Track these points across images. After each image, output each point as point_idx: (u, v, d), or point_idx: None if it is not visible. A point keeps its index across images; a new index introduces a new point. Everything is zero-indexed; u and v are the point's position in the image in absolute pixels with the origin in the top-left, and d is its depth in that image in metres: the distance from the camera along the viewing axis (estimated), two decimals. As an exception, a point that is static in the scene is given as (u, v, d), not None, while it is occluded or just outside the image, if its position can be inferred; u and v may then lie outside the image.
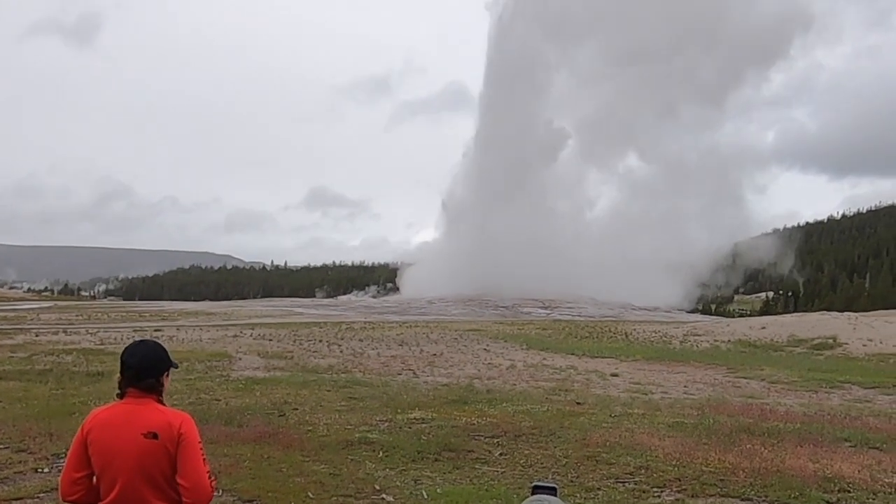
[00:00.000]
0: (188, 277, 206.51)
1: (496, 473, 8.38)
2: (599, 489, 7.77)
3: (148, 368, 3.17)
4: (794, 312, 71.56)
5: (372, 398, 14.07)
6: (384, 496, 7.44)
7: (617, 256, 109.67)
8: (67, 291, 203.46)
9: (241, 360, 22.51)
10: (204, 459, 3.13)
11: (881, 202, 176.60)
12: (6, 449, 9.14)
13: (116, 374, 3.26)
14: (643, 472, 8.46)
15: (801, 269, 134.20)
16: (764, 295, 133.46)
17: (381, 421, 11.52)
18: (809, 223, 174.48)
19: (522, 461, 8.95)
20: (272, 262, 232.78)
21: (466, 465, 8.75)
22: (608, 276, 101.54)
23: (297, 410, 12.48)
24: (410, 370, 20.59)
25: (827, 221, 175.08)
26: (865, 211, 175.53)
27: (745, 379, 20.35)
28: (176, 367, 3.33)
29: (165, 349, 3.29)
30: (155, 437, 3.05)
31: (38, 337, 30.86)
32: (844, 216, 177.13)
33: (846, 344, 32.27)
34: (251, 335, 33.78)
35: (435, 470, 8.48)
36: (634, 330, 44.70)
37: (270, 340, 30.96)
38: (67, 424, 9.98)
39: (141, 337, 4.20)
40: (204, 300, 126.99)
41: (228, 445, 9.20)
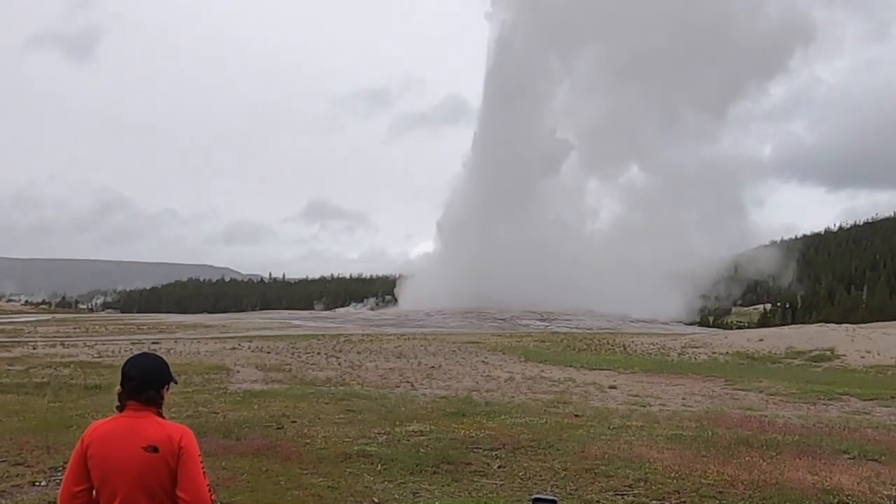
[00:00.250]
0: (186, 290, 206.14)
1: (495, 486, 8.37)
2: (598, 502, 7.76)
3: (149, 381, 3.18)
4: (791, 324, 71.55)
5: (370, 411, 14.04)
6: (383, 509, 7.43)
7: (617, 268, 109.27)
8: (65, 304, 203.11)
9: (238, 372, 22.48)
10: (204, 473, 3.13)
11: (878, 214, 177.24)
12: (3, 462, 9.11)
13: (114, 387, 3.27)
14: (642, 484, 8.45)
15: (799, 281, 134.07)
16: (762, 307, 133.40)
17: (379, 433, 11.50)
18: (807, 235, 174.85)
19: (521, 474, 8.93)
20: (270, 274, 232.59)
21: (465, 477, 8.73)
22: (608, 287, 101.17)
23: (295, 423, 12.46)
24: (409, 382, 20.57)
25: (824, 233, 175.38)
26: (862, 223, 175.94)
27: (743, 391, 20.35)
28: (175, 382, 3.34)
29: (167, 363, 3.30)
30: (155, 450, 3.05)
31: (35, 350, 30.80)
32: (842, 228, 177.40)
33: (844, 356, 32.29)
34: (249, 348, 33.73)
35: (433, 483, 8.46)
36: (632, 342, 44.68)
37: (268, 353, 30.91)
38: (65, 437, 9.96)
39: (139, 350, 4.21)
40: (202, 313, 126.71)
41: (226, 458, 9.18)
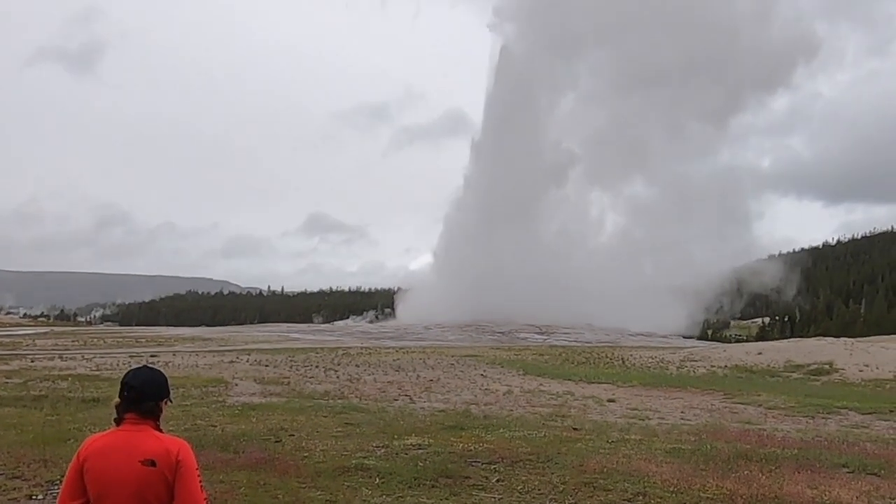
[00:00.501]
0: (185, 303, 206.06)
1: (493, 500, 8.35)
2: (597, 516, 7.74)
3: (150, 392, 3.18)
4: (790, 338, 71.50)
5: (368, 424, 14.01)
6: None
7: (618, 280, 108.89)
8: (64, 317, 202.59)
9: (237, 385, 22.43)
10: (201, 486, 3.13)
11: (876, 228, 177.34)
12: (0, 476, 9.09)
13: (112, 400, 3.26)
14: (641, 498, 8.43)
15: (800, 294, 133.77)
16: (760, 320, 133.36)
17: (377, 447, 11.47)
18: (805, 249, 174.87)
19: (520, 487, 8.91)
20: (269, 287, 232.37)
21: (463, 491, 8.71)
22: (608, 300, 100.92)
23: (293, 436, 12.43)
24: (407, 396, 20.53)
25: (822, 247, 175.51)
26: (860, 237, 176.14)
27: (742, 405, 20.32)
28: (171, 401, 3.33)
29: (166, 377, 3.31)
30: (153, 464, 3.05)
31: (33, 363, 30.71)
32: (839, 242, 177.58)
33: (843, 369, 32.26)
34: (247, 361, 33.65)
35: (432, 496, 8.44)
36: (631, 355, 44.62)
37: (267, 366, 30.84)
38: (62, 451, 9.94)
39: (137, 363, 4.21)
40: (200, 326, 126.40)
41: (224, 472, 9.16)
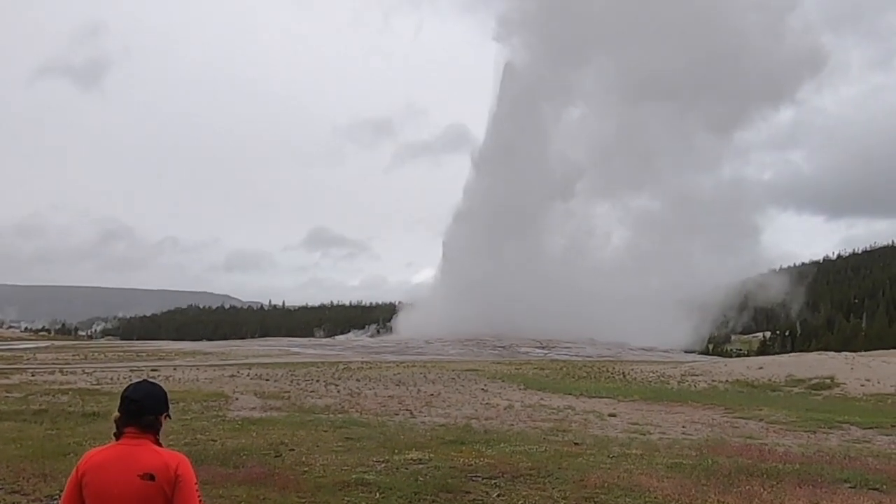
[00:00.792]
0: (186, 317, 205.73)
1: (493, 515, 8.33)
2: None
3: (150, 406, 3.19)
4: (791, 352, 71.36)
5: (369, 439, 14.00)
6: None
7: (621, 295, 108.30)
8: (65, 331, 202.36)
9: (237, 400, 22.41)
10: (200, 501, 3.13)
11: (876, 243, 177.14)
12: (0, 490, 9.08)
13: (112, 414, 3.26)
14: (641, 513, 8.41)
15: (807, 307, 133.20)
16: (761, 335, 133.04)
17: (377, 462, 11.45)
18: (805, 263, 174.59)
19: (520, 502, 8.89)
20: (270, 301, 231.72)
21: (463, 506, 8.69)
22: (611, 315, 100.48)
23: (293, 451, 12.41)
24: (408, 410, 20.50)
25: (823, 262, 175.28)
26: (861, 251, 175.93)
27: (743, 419, 20.27)
28: (170, 416, 3.34)
29: (166, 393, 3.31)
30: (152, 478, 3.05)
31: (34, 377, 30.71)
32: (840, 256, 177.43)
33: (844, 384, 32.19)
34: (248, 375, 33.63)
35: (432, 511, 8.42)
36: (632, 370, 44.53)
37: (267, 380, 30.82)
38: (62, 465, 9.93)
39: (138, 377, 4.21)
40: (201, 340, 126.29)
41: (224, 486, 9.14)
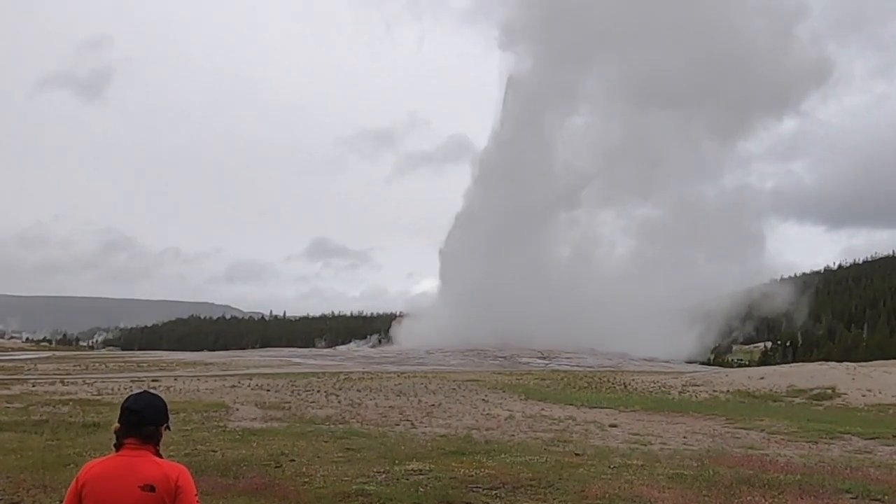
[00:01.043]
0: (187, 327, 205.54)
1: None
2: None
3: (151, 416, 3.19)
4: (792, 362, 71.26)
5: (369, 449, 13.97)
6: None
7: (624, 304, 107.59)
8: (66, 341, 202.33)
9: (238, 410, 22.39)
10: (200, 512, 3.13)
11: (877, 253, 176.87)
12: (0, 501, 9.07)
13: (113, 424, 3.27)
14: (642, 524, 8.39)
15: (810, 318, 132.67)
16: (762, 345, 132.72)
17: (378, 472, 11.43)
18: (806, 273, 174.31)
19: (521, 513, 8.87)
20: (271, 312, 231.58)
21: (464, 517, 8.68)
22: (614, 325, 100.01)
23: (293, 462, 12.39)
24: (408, 421, 20.47)
25: (824, 272, 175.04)
26: (862, 261, 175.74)
27: (744, 429, 20.25)
28: (170, 427, 3.34)
29: (166, 403, 3.32)
30: (152, 489, 3.06)
31: (34, 387, 30.68)
32: (841, 267, 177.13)
33: (845, 394, 32.16)
34: (249, 385, 33.60)
35: (432, 522, 8.41)
36: (633, 380, 44.47)
37: (268, 391, 30.79)
38: (62, 476, 9.92)
39: (139, 387, 4.22)
40: (202, 350, 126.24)
41: (224, 497, 9.13)
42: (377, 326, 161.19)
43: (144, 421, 3.17)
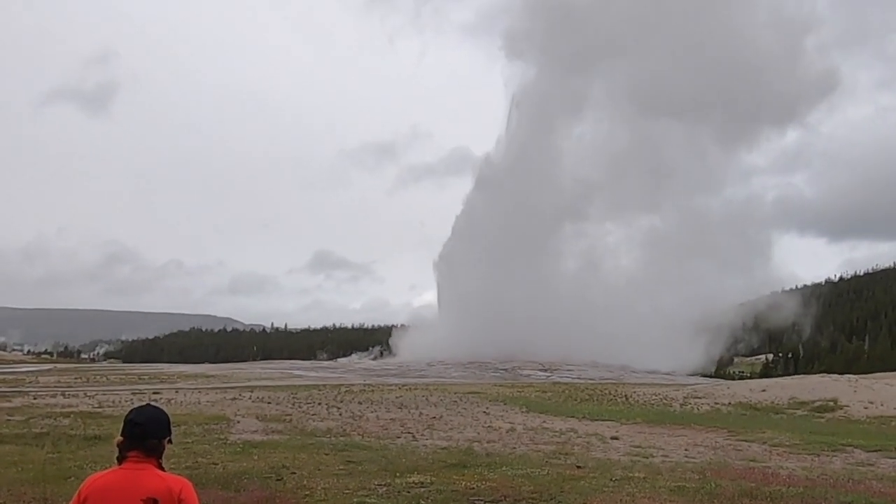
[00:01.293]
0: (188, 340, 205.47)
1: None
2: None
3: (153, 429, 3.21)
4: (794, 374, 71.17)
5: (370, 462, 13.96)
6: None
7: (627, 316, 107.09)
8: (67, 354, 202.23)
9: (239, 423, 22.36)
10: (203, 524, 3.14)
11: (878, 265, 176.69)
12: (1, 514, 9.08)
13: (114, 437, 3.28)
14: (644, 537, 8.38)
15: (810, 330, 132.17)
16: (764, 357, 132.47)
17: (379, 485, 11.42)
18: (807, 285, 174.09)
19: (522, 526, 8.87)
20: (272, 324, 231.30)
21: (465, 530, 8.67)
22: (617, 337, 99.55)
23: (294, 474, 12.38)
24: (409, 433, 20.44)
25: (825, 284, 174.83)
26: (863, 274, 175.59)
27: (746, 442, 20.21)
28: (171, 441, 3.36)
29: (168, 416, 3.34)
30: (155, 502, 3.07)
31: (35, 400, 30.66)
32: (842, 279, 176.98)
33: (847, 406, 32.09)
34: (250, 398, 33.56)
35: (434, 535, 8.40)
36: (635, 392, 44.38)
37: (269, 403, 30.75)
38: (63, 489, 9.92)
39: (140, 400, 4.24)
40: (203, 363, 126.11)
41: (225, 510, 9.13)
42: (378, 339, 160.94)
43: (147, 434, 3.18)
